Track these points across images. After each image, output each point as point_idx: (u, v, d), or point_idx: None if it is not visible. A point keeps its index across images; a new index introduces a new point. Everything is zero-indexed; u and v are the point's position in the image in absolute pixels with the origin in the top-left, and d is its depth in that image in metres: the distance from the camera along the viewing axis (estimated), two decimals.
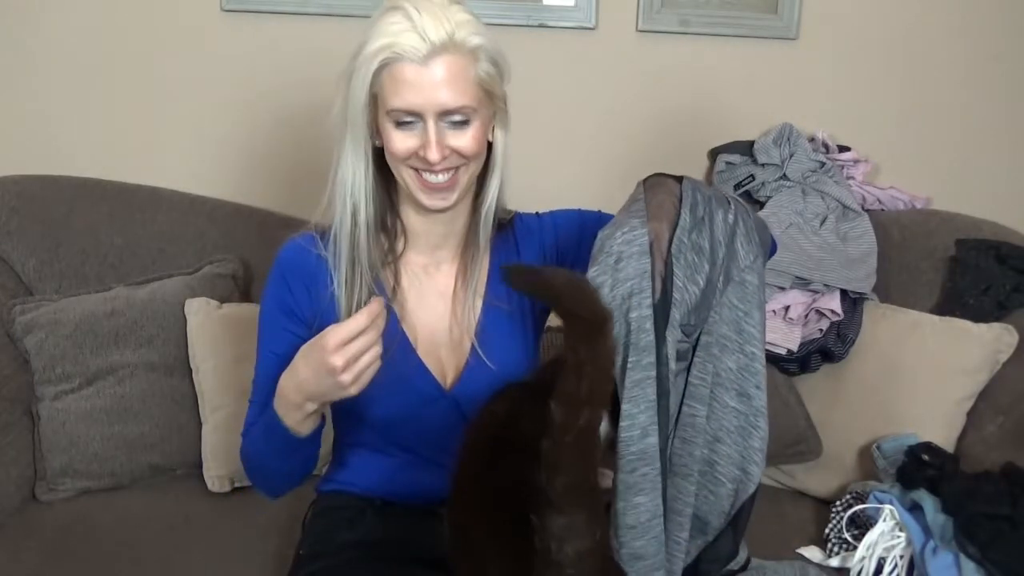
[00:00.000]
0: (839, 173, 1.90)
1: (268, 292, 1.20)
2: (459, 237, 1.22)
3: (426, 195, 1.12)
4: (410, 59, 1.05)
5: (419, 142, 1.08)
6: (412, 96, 1.06)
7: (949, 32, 1.96)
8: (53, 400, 1.64)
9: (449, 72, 1.06)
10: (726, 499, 1.02)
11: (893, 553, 1.44)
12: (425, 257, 1.21)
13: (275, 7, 1.92)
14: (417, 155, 1.09)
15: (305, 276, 1.17)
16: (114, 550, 1.46)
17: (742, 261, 0.98)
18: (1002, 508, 1.39)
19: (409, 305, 1.19)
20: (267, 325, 1.19)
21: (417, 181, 1.12)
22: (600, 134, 2.00)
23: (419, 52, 1.04)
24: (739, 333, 0.99)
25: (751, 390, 1.00)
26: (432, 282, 1.21)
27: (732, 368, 0.99)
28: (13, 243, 1.73)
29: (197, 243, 1.82)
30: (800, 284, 1.73)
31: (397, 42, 1.04)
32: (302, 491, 1.35)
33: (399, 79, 1.06)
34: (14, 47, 1.95)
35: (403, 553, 1.18)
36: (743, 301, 0.99)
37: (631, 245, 0.95)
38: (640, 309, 0.94)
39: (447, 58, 1.06)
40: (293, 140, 1.96)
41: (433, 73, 1.05)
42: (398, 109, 1.07)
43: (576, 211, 1.28)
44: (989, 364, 1.65)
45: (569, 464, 0.83)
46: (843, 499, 1.58)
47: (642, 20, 1.94)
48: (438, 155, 1.08)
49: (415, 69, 1.05)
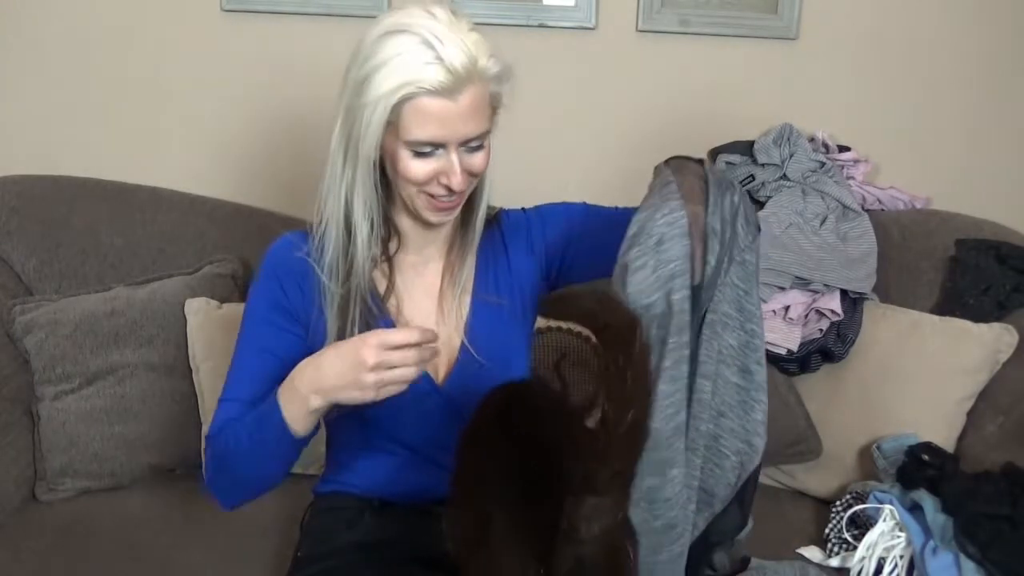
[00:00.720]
0: (839, 173, 1.90)
1: (258, 288, 1.17)
2: (447, 235, 1.22)
3: (434, 214, 1.12)
4: (438, 94, 1.02)
5: (437, 168, 1.07)
6: (436, 129, 1.04)
7: (949, 32, 1.96)
8: (53, 400, 1.64)
9: (473, 103, 1.04)
10: (731, 472, 1.03)
11: (893, 553, 1.44)
12: (414, 256, 1.21)
13: (275, 7, 1.93)
14: (437, 181, 1.08)
15: (297, 274, 1.15)
16: (114, 550, 1.46)
17: (742, 241, 0.99)
18: (1002, 508, 1.39)
19: (400, 303, 1.19)
20: (257, 321, 1.16)
21: (430, 204, 1.11)
22: (600, 134, 2.00)
23: (446, 86, 1.01)
24: (740, 311, 1.00)
25: (752, 366, 1.02)
26: (421, 280, 1.21)
27: (733, 345, 1.01)
28: (13, 243, 1.73)
29: (197, 243, 1.82)
30: (800, 284, 1.72)
31: (423, 77, 1.00)
32: (300, 492, 1.35)
33: (424, 112, 1.03)
34: (14, 47, 1.95)
35: (402, 554, 1.18)
36: (743, 280, 1.00)
37: (673, 227, 0.95)
38: (682, 291, 0.95)
39: (472, 89, 1.03)
40: (293, 140, 1.96)
41: (460, 106, 1.03)
42: (421, 141, 1.05)
43: (562, 204, 1.28)
44: (989, 364, 1.65)
45: (619, 455, 0.89)
46: (843, 499, 1.58)
47: (642, 20, 1.94)
48: (464, 183, 1.08)
49: (442, 104, 1.02)
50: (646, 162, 2.04)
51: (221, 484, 1.14)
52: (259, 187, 1.98)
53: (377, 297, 1.17)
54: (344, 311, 1.13)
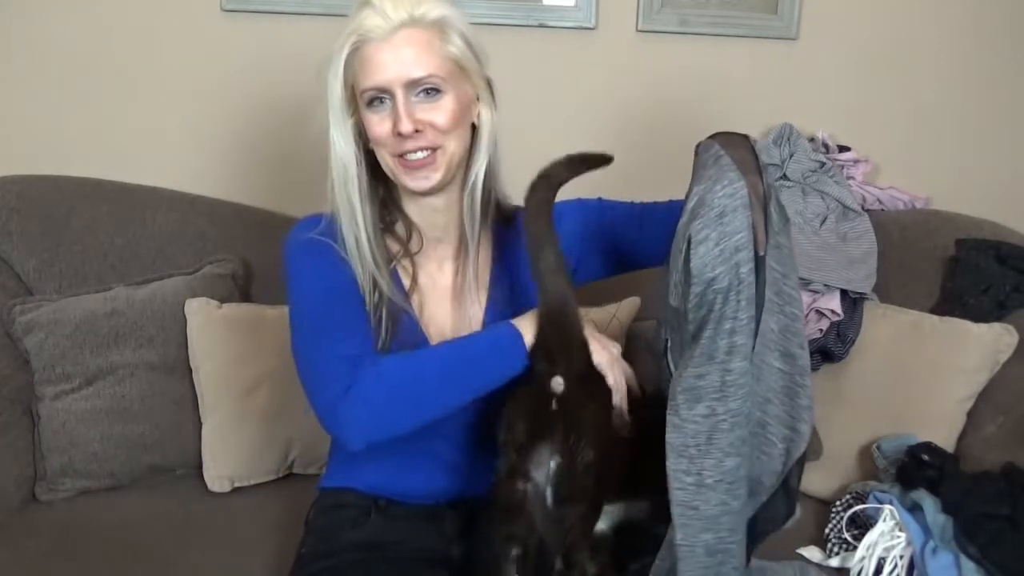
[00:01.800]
0: (839, 173, 1.90)
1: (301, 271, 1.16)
2: (454, 232, 1.22)
3: (409, 176, 1.14)
4: (374, 38, 1.09)
5: (393, 120, 1.11)
6: (379, 73, 1.10)
7: (949, 32, 1.96)
8: (53, 400, 1.64)
9: (411, 44, 1.10)
10: (778, 459, 1.02)
11: (893, 553, 1.44)
12: (433, 253, 1.23)
13: (275, 7, 1.93)
14: (395, 134, 1.11)
15: (326, 247, 1.16)
16: (114, 550, 1.46)
17: (775, 225, 0.99)
18: (1002, 508, 1.39)
19: (423, 302, 1.20)
20: (321, 293, 1.14)
21: (399, 164, 1.14)
22: (600, 134, 2.00)
23: (382, 30, 1.09)
24: (779, 295, 0.99)
25: (795, 350, 1.00)
26: (441, 279, 1.23)
27: (775, 329, 0.99)
28: (13, 243, 1.73)
29: (197, 243, 1.81)
30: (800, 284, 1.72)
31: (361, 25, 1.09)
32: (300, 492, 1.35)
33: (367, 60, 1.10)
34: (14, 47, 1.95)
35: (406, 554, 1.18)
36: (780, 263, 0.99)
37: (734, 199, 0.94)
38: (748, 263, 0.94)
39: (409, 31, 1.10)
40: (293, 140, 1.95)
41: (396, 47, 1.09)
42: (369, 88, 1.11)
43: (576, 201, 1.28)
44: (989, 364, 1.65)
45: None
46: (843, 499, 1.58)
47: (642, 20, 1.94)
48: (409, 125, 1.10)
49: (379, 47, 1.09)
50: (646, 162, 2.05)
51: (397, 402, 1.09)
52: (259, 187, 1.98)
53: (402, 291, 1.18)
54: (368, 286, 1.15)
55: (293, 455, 1.68)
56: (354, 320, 1.13)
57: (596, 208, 1.27)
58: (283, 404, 1.64)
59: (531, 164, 1.12)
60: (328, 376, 1.08)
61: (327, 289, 1.14)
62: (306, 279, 1.16)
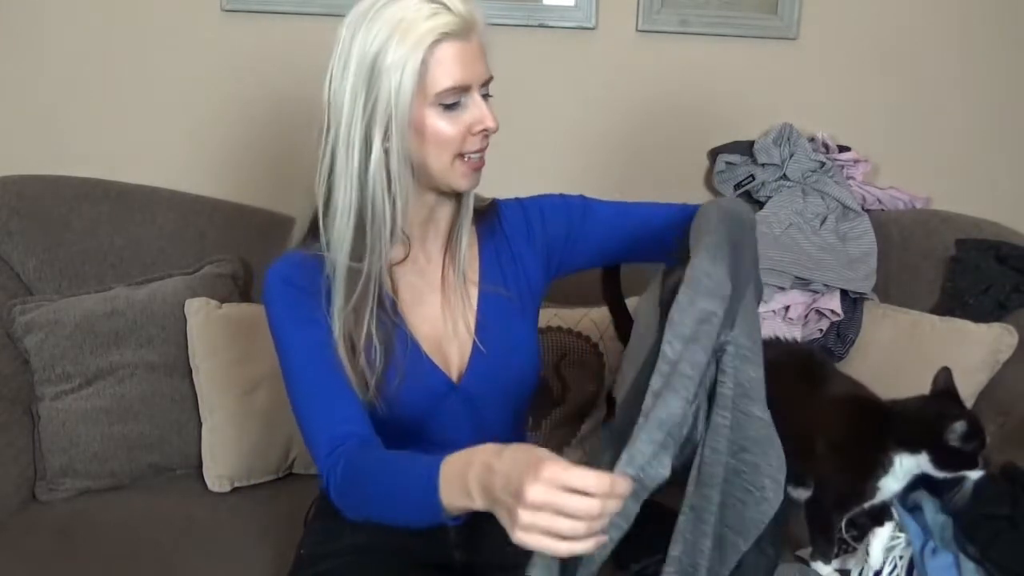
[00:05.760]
0: (839, 173, 1.90)
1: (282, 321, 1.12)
2: (443, 227, 1.20)
3: (469, 176, 1.11)
4: (455, 36, 1.04)
5: (467, 121, 1.07)
6: (461, 71, 1.05)
7: (949, 32, 1.96)
8: (53, 400, 1.64)
9: (481, 45, 1.08)
10: (753, 507, 0.99)
11: (893, 553, 1.44)
12: (415, 252, 1.18)
13: (275, 7, 1.93)
14: (470, 133, 1.08)
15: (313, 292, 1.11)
16: (114, 550, 1.46)
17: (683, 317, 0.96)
18: (1002, 508, 1.39)
19: (409, 305, 1.18)
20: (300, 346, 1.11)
21: (462, 164, 1.10)
22: (600, 134, 2.00)
23: (460, 27, 1.04)
24: (755, 343, 0.99)
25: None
26: (425, 278, 1.19)
27: (755, 377, 0.98)
28: (13, 243, 1.73)
29: (197, 243, 1.82)
30: (800, 284, 1.72)
31: (437, 25, 1.03)
32: (300, 492, 1.35)
33: (446, 59, 1.04)
34: (14, 47, 1.95)
35: (405, 558, 1.18)
36: (752, 314, 0.99)
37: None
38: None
39: (477, 31, 1.07)
40: (294, 140, 1.95)
41: (474, 46, 1.07)
42: (448, 89, 1.05)
43: (559, 197, 1.27)
44: (989, 364, 1.65)
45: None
46: None
47: (642, 20, 1.94)
48: (495, 123, 1.08)
49: (460, 45, 1.05)
50: (646, 161, 2.05)
51: (350, 502, 1.04)
52: (259, 187, 1.98)
53: (389, 293, 1.15)
54: (351, 285, 1.09)
55: (293, 455, 1.68)
56: (333, 385, 1.09)
57: (580, 207, 1.25)
58: (283, 404, 1.60)
59: (531, 163, 1.12)
60: (312, 441, 1.08)
61: (308, 348, 1.10)
62: (287, 335, 1.12)
